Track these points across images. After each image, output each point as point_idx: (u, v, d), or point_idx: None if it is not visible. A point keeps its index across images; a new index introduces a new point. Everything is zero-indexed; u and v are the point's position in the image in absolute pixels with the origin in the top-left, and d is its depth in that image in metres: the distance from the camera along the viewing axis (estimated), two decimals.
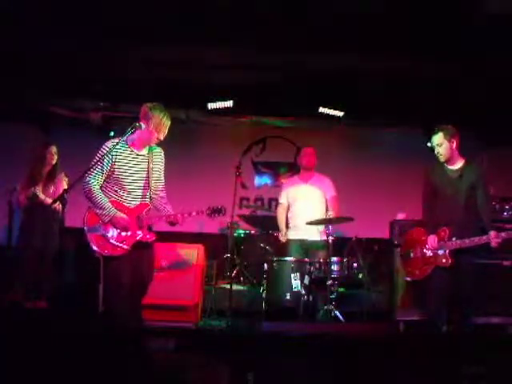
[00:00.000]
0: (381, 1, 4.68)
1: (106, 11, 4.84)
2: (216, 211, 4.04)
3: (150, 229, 4.06)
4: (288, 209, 5.80)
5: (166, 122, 3.95)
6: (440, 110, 6.57)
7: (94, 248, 3.92)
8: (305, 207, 5.63)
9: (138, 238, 3.96)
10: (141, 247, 3.97)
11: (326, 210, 5.63)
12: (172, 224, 4.04)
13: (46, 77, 6.11)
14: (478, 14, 4.68)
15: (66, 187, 5.30)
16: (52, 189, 5.46)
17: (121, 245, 3.91)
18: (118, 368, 2.71)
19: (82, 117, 7.05)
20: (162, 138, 4.01)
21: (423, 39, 5.14)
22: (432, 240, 4.43)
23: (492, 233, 4.21)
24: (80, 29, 5.12)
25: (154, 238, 4.03)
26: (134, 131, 3.96)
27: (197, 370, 2.75)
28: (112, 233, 3.92)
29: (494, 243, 4.21)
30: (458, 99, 6.30)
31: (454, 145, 4.43)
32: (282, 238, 5.75)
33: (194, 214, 4.01)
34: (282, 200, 5.86)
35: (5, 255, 5.78)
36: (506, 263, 5.37)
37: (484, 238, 4.22)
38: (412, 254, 4.66)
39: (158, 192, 4.13)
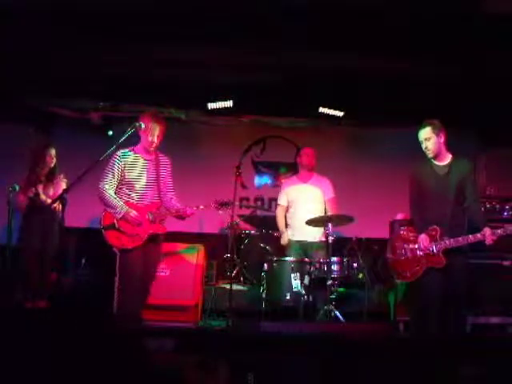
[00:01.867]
0: (381, 1, 4.68)
1: (106, 11, 4.84)
2: (223, 204, 4.40)
3: (162, 222, 4.37)
4: (287, 209, 5.80)
5: (153, 126, 4.28)
6: (440, 111, 6.56)
7: (111, 244, 4.24)
8: (304, 207, 5.63)
9: (151, 230, 4.26)
10: (152, 242, 4.27)
11: (325, 211, 5.63)
12: (181, 218, 4.37)
13: (46, 77, 6.11)
14: (477, 14, 4.68)
15: (65, 188, 5.30)
16: (51, 190, 5.47)
17: (136, 237, 4.22)
18: (118, 368, 2.71)
19: (82, 117, 7.05)
20: (155, 141, 4.31)
21: (423, 39, 5.14)
22: (424, 240, 4.23)
23: (486, 230, 4.05)
24: (80, 28, 5.12)
25: (165, 231, 4.36)
26: (134, 131, 4.24)
27: (197, 370, 2.75)
28: (127, 227, 4.22)
29: (489, 240, 4.04)
30: (457, 99, 6.30)
31: (442, 139, 4.29)
32: (283, 241, 5.75)
33: (201, 207, 4.37)
34: (281, 201, 5.85)
35: (4, 255, 5.77)
36: (505, 263, 5.37)
37: (478, 235, 4.06)
38: (402, 255, 4.43)
39: (168, 194, 4.44)
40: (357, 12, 4.76)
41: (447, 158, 4.33)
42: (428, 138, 4.30)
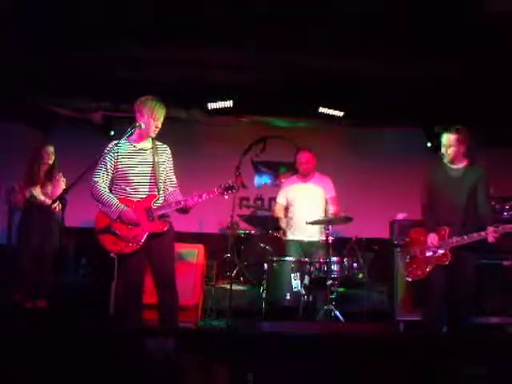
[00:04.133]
0: (381, 1, 4.68)
1: (107, 11, 4.84)
2: (228, 188, 4.01)
3: (162, 218, 4.02)
4: (288, 209, 5.80)
5: (160, 109, 4.02)
6: (440, 110, 6.57)
7: (107, 249, 3.92)
8: (305, 207, 5.62)
9: (150, 230, 3.94)
10: (156, 238, 3.95)
11: (326, 210, 5.63)
12: (184, 211, 4.02)
13: (46, 77, 6.11)
14: (478, 14, 4.67)
15: (64, 187, 5.30)
16: (50, 189, 5.46)
17: (133, 240, 3.89)
18: (118, 368, 2.71)
19: (82, 117, 7.05)
20: (159, 126, 4.05)
21: (423, 39, 5.14)
22: (432, 238, 4.40)
23: (489, 228, 4.16)
24: (80, 28, 5.12)
25: (166, 227, 3.99)
26: (134, 131, 4.05)
27: (197, 370, 2.75)
28: (123, 229, 3.90)
29: (490, 238, 4.15)
30: (457, 99, 6.30)
31: (463, 149, 4.39)
32: (283, 227, 5.77)
33: (204, 195, 3.97)
34: (279, 199, 5.85)
35: (4, 255, 5.77)
36: (505, 263, 5.37)
37: (482, 233, 4.18)
38: (412, 254, 4.61)
39: (168, 187, 4.15)
40: (356, 12, 4.77)
41: (462, 163, 4.45)
42: (450, 145, 4.38)
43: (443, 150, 4.42)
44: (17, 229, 5.51)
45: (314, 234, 5.59)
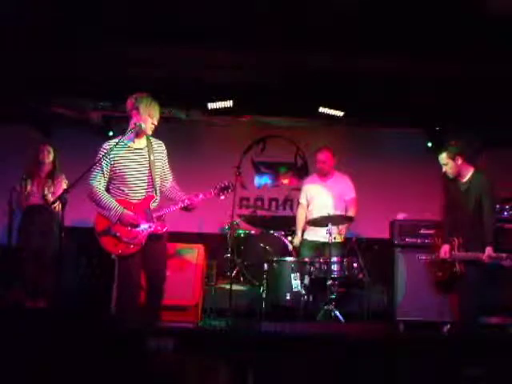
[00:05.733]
0: (381, 0, 4.68)
1: (107, 11, 4.84)
2: (224, 189, 4.10)
3: (161, 220, 4.04)
4: (308, 207, 5.78)
5: (156, 106, 4.02)
6: (440, 110, 6.57)
7: (108, 251, 3.94)
8: (321, 206, 5.59)
9: (149, 231, 3.95)
10: (153, 241, 3.98)
11: (346, 210, 5.62)
12: (188, 209, 4.08)
13: (47, 77, 6.11)
14: (478, 14, 4.68)
15: (65, 187, 5.30)
16: (51, 190, 5.45)
17: (134, 242, 3.92)
18: (118, 368, 2.71)
19: (81, 117, 7.05)
20: (156, 123, 4.03)
21: (423, 39, 5.14)
22: (443, 251, 4.56)
23: (487, 249, 4.32)
24: (80, 28, 5.12)
25: (165, 229, 4.02)
26: (134, 132, 4.02)
27: (196, 370, 2.75)
28: (123, 231, 3.91)
29: (486, 260, 4.34)
30: (457, 99, 6.30)
31: (460, 161, 4.47)
32: (295, 242, 5.74)
33: (201, 195, 4.06)
34: (301, 199, 5.87)
35: (5, 255, 5.78)
36: (505, 263, 5.36)
37: (480, 254, 4.34)
38: (434, 257, 4.80)
39: (166, 183, 4.16)
40: (356, 12, 4.76)
41: (467, 175, 4.53)
42: (445, 163, 4.51)
43: (444, 169, 4.54)
44: (17, 229, 5.51)
45: (332, 234, 5.54)
